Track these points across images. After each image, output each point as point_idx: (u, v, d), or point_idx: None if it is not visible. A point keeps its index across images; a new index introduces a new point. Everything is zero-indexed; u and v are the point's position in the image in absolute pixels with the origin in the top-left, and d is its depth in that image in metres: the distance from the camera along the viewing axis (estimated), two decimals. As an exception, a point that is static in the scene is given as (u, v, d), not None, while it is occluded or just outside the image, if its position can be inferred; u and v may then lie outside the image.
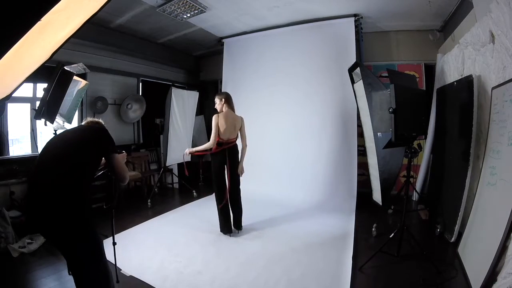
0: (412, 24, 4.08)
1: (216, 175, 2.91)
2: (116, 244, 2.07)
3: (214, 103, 2.99)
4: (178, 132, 4.53)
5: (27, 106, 3.59)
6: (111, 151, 1.59)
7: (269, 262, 2.40)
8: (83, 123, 1.77)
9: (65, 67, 2.37)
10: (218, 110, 2.93)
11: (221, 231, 2.97)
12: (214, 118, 2.82)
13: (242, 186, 3.03)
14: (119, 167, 1.61)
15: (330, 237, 2.90)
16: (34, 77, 1.39)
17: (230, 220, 2.97)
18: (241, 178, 3.00)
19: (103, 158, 1.61)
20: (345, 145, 3.96)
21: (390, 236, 2.40)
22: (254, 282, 2.12)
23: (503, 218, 1.75)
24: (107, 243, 1.97)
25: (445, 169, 3.08)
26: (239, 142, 3.01)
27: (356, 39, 3.97)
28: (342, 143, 3.98)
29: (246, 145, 3.00)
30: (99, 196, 3.58)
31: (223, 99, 2.92)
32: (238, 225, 2.99)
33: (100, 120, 1.82)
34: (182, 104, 4.57)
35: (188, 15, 3.83)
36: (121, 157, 1.69)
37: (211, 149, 2.85)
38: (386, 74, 2.97)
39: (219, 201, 2.93)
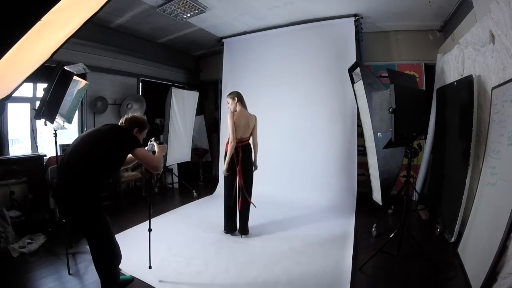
0: (412, 24, 4.08)
1: (226, 176, 2.87)
2: (151, 230, 2.22)
3: (214, 103, 2.98)
4: (178, 132, 4.53)
5: (27, 106, 3.59)
6: (129, 148, 1.77)
7: (269, 262, 2.41)
8: (119, 123, 1.94)
9: (65, 67, 2.35)
10: (232, 110, 2.89)
11: (224, 230, 2.96)
12: (229, 117, 2.77)
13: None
14: (143, 160, 1.82)
15: (330, 237, 2.90)
16: (34, 77, 1.39)
17: (235, 220, 2.94)
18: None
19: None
20: (345, 145, 3.96)
21: (390, 236, 2.40)
22: (254, 282, 2.12)
23: (503, 218, 1.75)
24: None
25: (445, 169, 3.08)
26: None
27: (356, 39, 3.97)
28: (342, 143, 3.97)
29: (257, 143, 2.96)
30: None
31: (236, 98, 2.89)
32: (244, 230, 2.91)
33: (136, 114, 1.98)
34: (182, 104, 4.57)
35: (188, 15, 3.83)
36: (161, 148, 1.98)
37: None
38: (386, 74, 2.97)
39: (226, 200, 2.91)
